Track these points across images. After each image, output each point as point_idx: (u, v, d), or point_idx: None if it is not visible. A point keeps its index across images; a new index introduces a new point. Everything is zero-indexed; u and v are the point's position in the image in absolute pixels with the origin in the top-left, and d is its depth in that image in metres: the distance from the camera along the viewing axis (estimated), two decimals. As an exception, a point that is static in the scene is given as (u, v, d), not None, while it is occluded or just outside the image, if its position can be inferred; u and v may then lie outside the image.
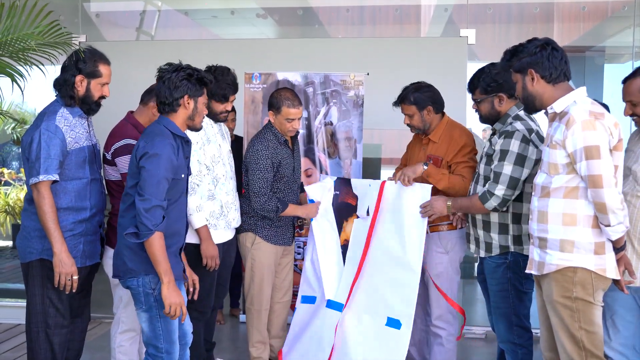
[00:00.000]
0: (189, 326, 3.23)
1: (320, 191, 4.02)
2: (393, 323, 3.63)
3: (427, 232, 3.62)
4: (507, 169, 3.20)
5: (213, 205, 3.65)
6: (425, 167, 3.60)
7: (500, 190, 3.22)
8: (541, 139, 3.24)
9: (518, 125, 3.26)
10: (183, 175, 3.04)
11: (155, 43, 6.00)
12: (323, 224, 3.98)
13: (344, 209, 3.96)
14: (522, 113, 3.33)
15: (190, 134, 3.42)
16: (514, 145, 3.21)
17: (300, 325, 3.97)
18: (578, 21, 6.04)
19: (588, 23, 6.00)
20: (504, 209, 3.30)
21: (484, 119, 3.54)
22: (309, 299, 4.01)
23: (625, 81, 3.13)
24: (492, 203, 3.24)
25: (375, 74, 4.95)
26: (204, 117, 3.19)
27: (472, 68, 3.60)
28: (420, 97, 3.71)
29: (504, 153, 3.23)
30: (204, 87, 3.09)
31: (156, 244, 2.84)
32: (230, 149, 3.87)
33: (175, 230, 3.04)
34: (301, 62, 5.30)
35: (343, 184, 4.00)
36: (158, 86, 3.04)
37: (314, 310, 3.95)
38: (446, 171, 3.66)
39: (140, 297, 2.97)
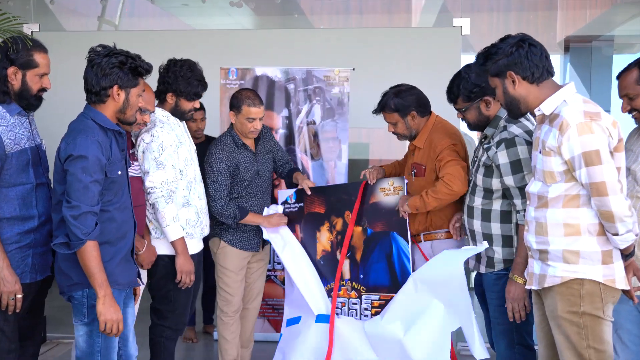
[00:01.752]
0: (134, 350, 3.12)
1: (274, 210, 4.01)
2: None
3: (421, 241, 3.60)
4: (529, 177, 3.05)
5: (188, 213, 3.55)
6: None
7: None
8: None
9: (514, 129, 3.12)
10: (120, 172, 2.89)
11: (120, 34, 5.88)
12: (281, 243, 3.92)
13: (314, 220, 3.93)
14: None
15: (163, 138, 3.41)
16: (523, 152, 3.07)
17: (288, 348, 3.91)
18: (584, 8, 6.06)
19: (595, 10, 6.04)
20: None
21: (473, 127, 3.40)
22: (294, 320, 3.99)
23: (619, 76, 3.09)
24: None
25: (361, 67, 4.84)
26: (137, 110, 3.04)
27: (467, 60, 3.42)
28: (401, 103, 3.59)
29: (516, 164, 3.07)
30: (138, 77, 2.91)
31: (88, 254, 2.72)
32: (195, 148, 3.80)
33: (123, 232, 2.95)
34: (280, 55, 5.22)
35: (305, 195, 3.95)
36: (86, 71, 2.86)
37: (302, 328, 3.91)
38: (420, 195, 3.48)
39: (82, 309, 2.87)
